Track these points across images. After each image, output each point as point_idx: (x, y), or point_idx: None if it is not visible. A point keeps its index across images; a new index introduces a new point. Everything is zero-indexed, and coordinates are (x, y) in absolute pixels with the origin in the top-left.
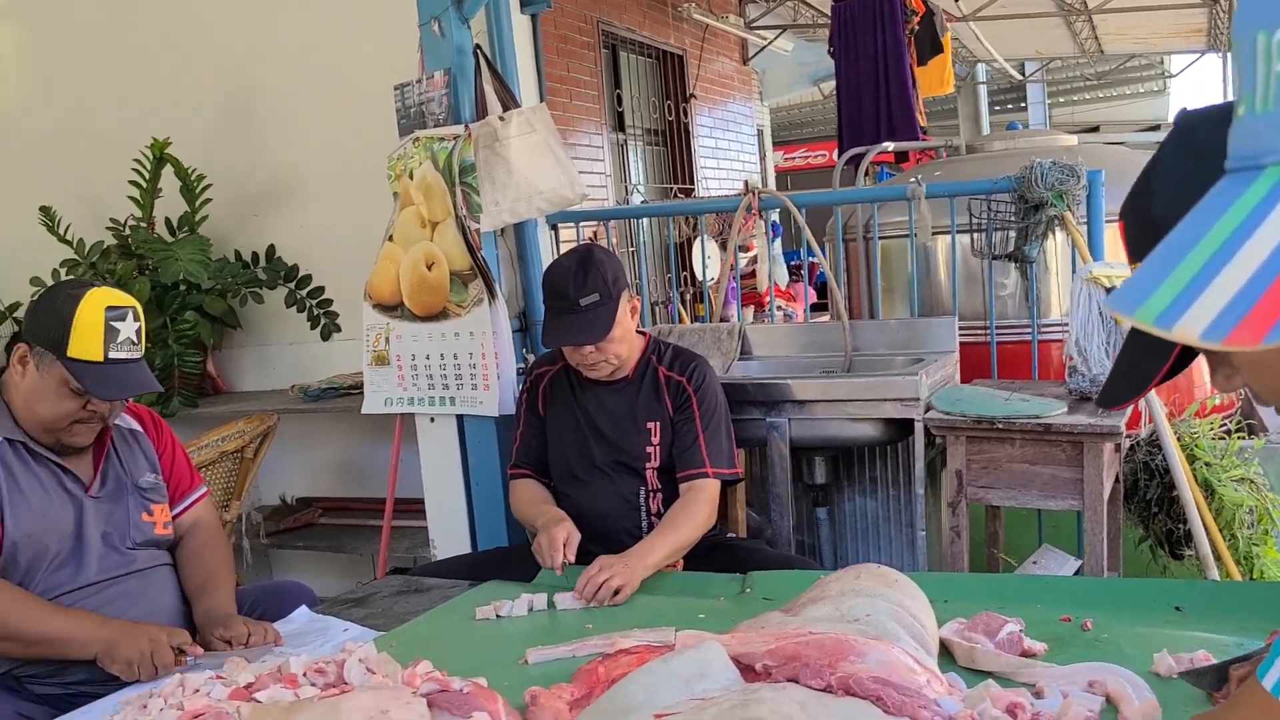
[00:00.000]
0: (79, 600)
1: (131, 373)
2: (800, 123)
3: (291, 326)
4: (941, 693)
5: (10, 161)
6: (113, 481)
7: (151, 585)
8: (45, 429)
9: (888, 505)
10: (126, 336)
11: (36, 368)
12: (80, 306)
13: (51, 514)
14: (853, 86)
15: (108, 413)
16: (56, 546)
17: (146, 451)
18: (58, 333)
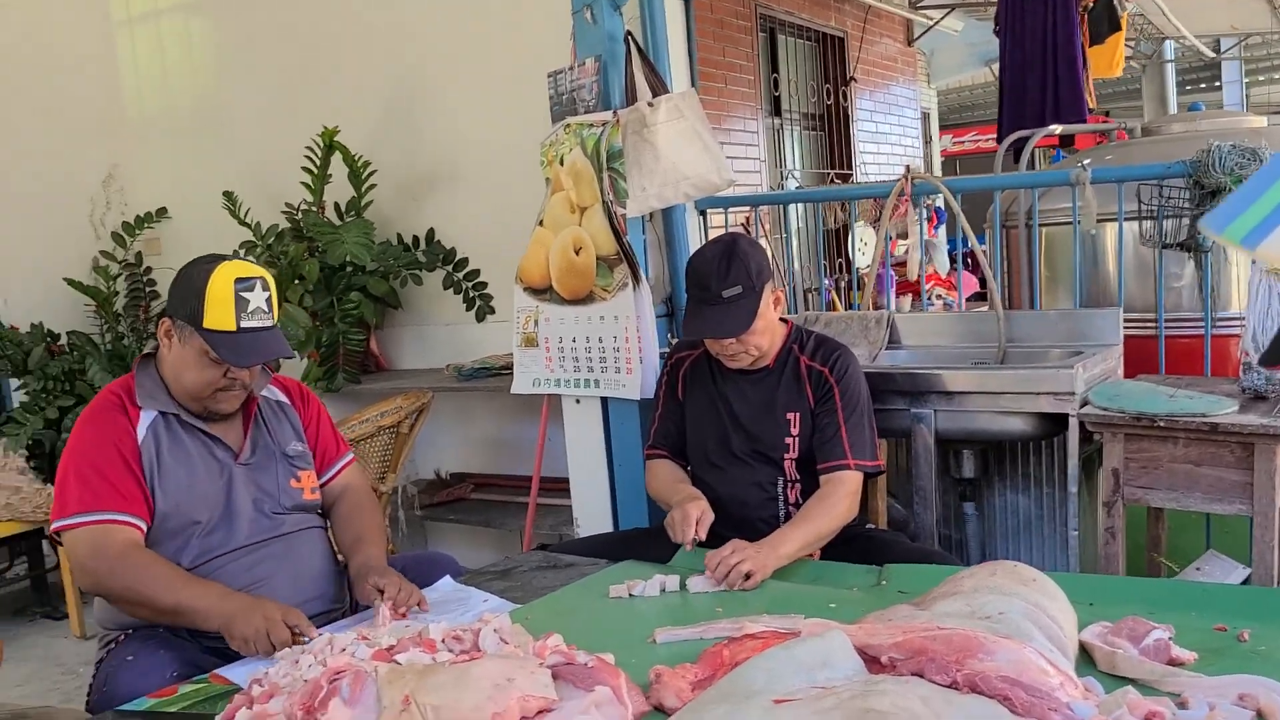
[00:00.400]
0: (230, 562)
1: (263, 340)
2: (970, 105)
3: (449, 308)
4: (1075, 696)
5: (200, 149)
6: (261, 449)
7: (299, 548)
8: (193, 398)
9: (1040, 503)
10: (257, 306)
11: (179, 340)
12: (211, 280)
13: (200, 484)
14: (1017, 66)
15: (249, 380)
16: (207, 514)
17: (293, 422)
18: (194, 305)
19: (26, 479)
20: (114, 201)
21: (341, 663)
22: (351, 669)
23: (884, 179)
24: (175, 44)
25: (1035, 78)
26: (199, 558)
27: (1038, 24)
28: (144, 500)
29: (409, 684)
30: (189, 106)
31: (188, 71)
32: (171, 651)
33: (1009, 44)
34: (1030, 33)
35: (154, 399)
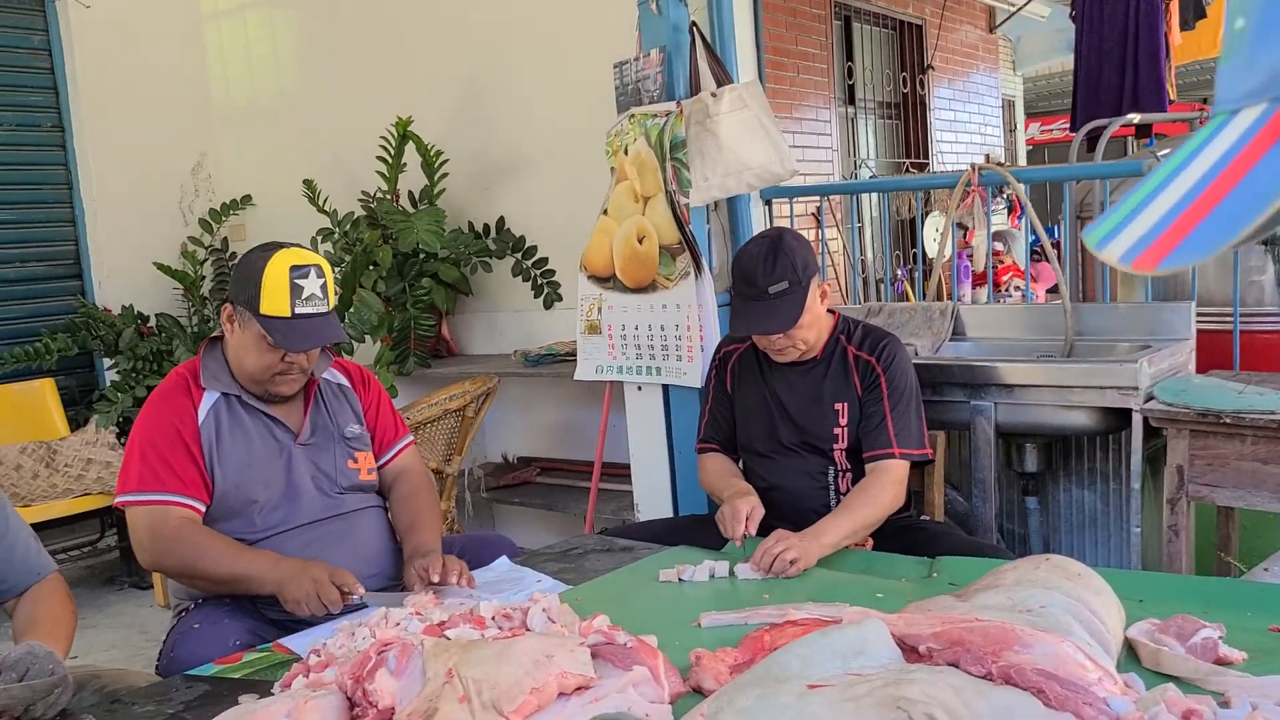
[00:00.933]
0: (291, 540)
1: (317, 326)
2: (1059, 92)
3: (517, 294)
4: (1114, 692)
5: (282, 139)
6: (320, 431)
7: (358, 527)
8: (253, 381)
9: (1105, 498)
10: (311, 292)
11: (239, 325)
12: (268, 267)
13: (259, 463)
14: (1094, 54)
15: (307, 364)
16: (266, 493)
17: (353, 404)
18: (251, 292)
19: (116, 454)
20: (202, 189)
21: (390, 635)
22: (399, 642)
23: (960, 169)
24: (260, 36)
25: (1113, 66)
26: (261, 534)
27: (1118, 12)
28: (202, 482)
29: (453, 657)
30: (272, 97)
31: (271, 63)
32: (236, 621)
33: (1086, 31)
34: (1110, 20)
35: (218, 380)
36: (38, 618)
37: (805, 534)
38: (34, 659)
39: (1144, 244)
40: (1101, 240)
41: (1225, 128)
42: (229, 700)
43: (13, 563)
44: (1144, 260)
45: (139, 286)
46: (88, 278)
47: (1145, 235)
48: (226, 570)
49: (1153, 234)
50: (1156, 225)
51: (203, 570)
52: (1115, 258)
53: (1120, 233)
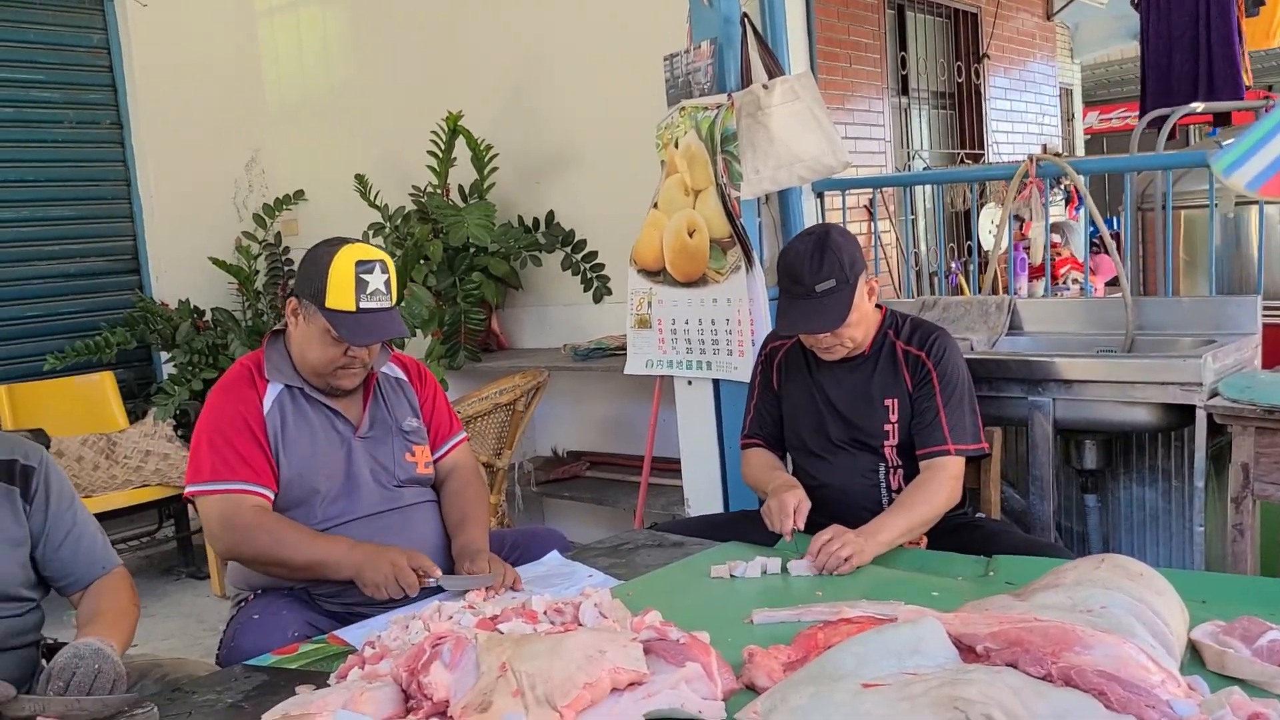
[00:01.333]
0: (351, 530)
1: (381, 320)
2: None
3: (567, 288)
4: (1177, 694)
5: (334, 134)
6: (379, 424)
7: (415, 520)
8: (315, 374)
9: (1168, 496)
10: (376, 288)
11: (304, 319)
12: (334, 261)
13: (321, 454)
14: (1161, 40)
15: (369, 359)
16: (327, 484)
17: (410, 398)
18: (317, 285)
19: (174, 446)
20: (255, 184)
21: (444, 629)
22: (453, 635)
23: (1016, 159)
24: (312, 32)
25: (1184, 53)
26: (321, 525)
27: None
28: (270, 470)
29: (506, 651)
30: (324, 93)
31: (323, 59)
32: (293, 612)
33: (1153, 18)
34: (1178, 6)
35: (281, 372)
36: (101, 610)
37: (861, 531)
38: (79, 662)
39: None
40: (1229, 167)
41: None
42: (286, 691)
43: (79, 556)
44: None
45: (195, 281)
46: (145, 273)
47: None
48: (305, 557)
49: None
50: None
51: (282, 557)
52: (1242, 184)
53: (1247, 160)
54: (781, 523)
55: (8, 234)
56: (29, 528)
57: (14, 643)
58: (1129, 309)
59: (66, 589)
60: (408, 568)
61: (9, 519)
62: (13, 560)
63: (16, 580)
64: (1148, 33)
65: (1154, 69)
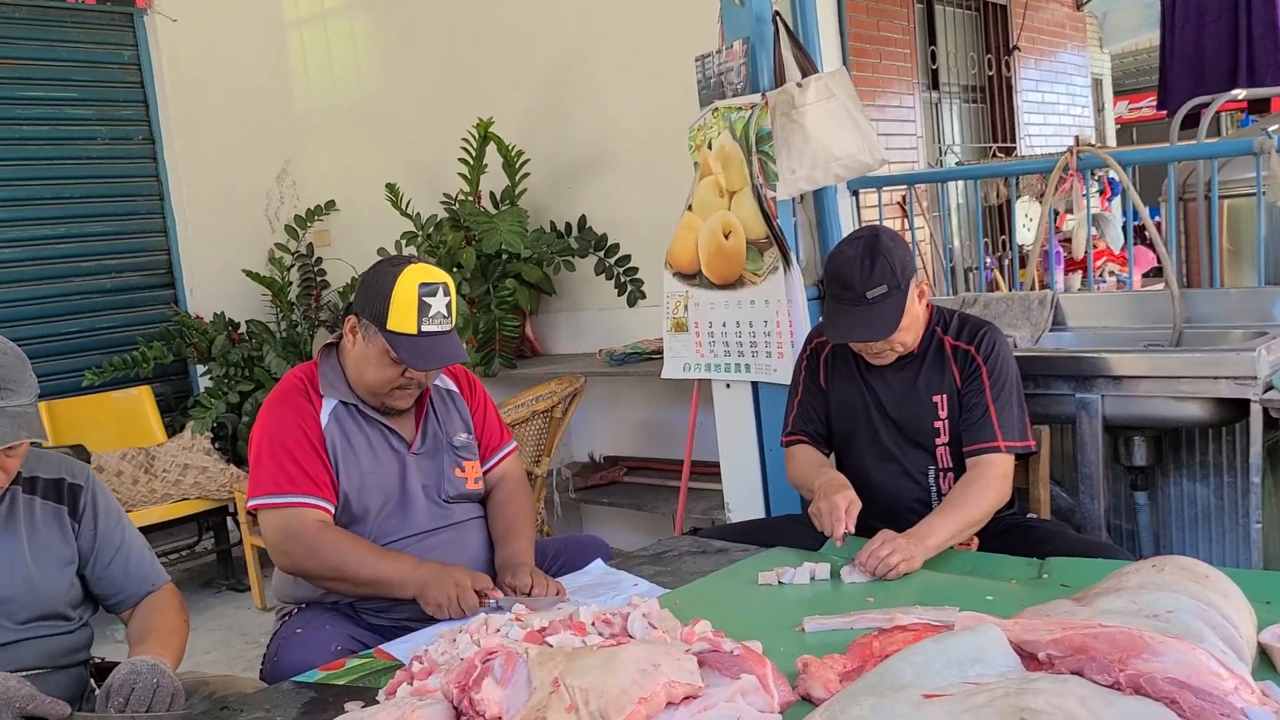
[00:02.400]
0: (405, 546)
1: (441, 345)
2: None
3: (601, 293)
4: (1252, 702)
5: (364, 144)
6: (431, 440)
7: (466, 536)
8: (371, 393)
9: (1220, 493)
10: (438, 311)
11: (363, 338)
12: (398, 283)
13: (377, 471)
14: (1189, 27)
15: (425, 380)
16: (382, 499)
17: (461, 411)
18: (379, 306)
19: (213, 459)
20: (287, 196)
21: (494, 644)
22: (504, 650)
23: (1050, 151)
24: (341, 43)
25: (1219, 39)
26: (377, 539)
27: None
28: (331, 484)
29: (558, 666)
30: (354, 103)
31: (353, 69)
32: (337, 626)
33: (1180, 4)
34: None
35: (335, 389)
36: (152, 628)
37: (910, 535)
38: (137, 677)
39: None
40: None
41: None
42: (335, 708)
43: (129, 573)
44: None
45: (229, 293)
46: (180, 286)
47: None
48: (370, 573)
49: None
50: None
51: (347, 573)
52: None
53: None
54: (834, 526)
55: (45, 251)
56: (78, 546)
57: (64, 661)
58: (1176, 301)
59: (117, 606)
60: (470, 588)
61: (58, 538)
62: (62, 579)
63: (65, 598)
64: (1173, 20)
65: (1182, 57)
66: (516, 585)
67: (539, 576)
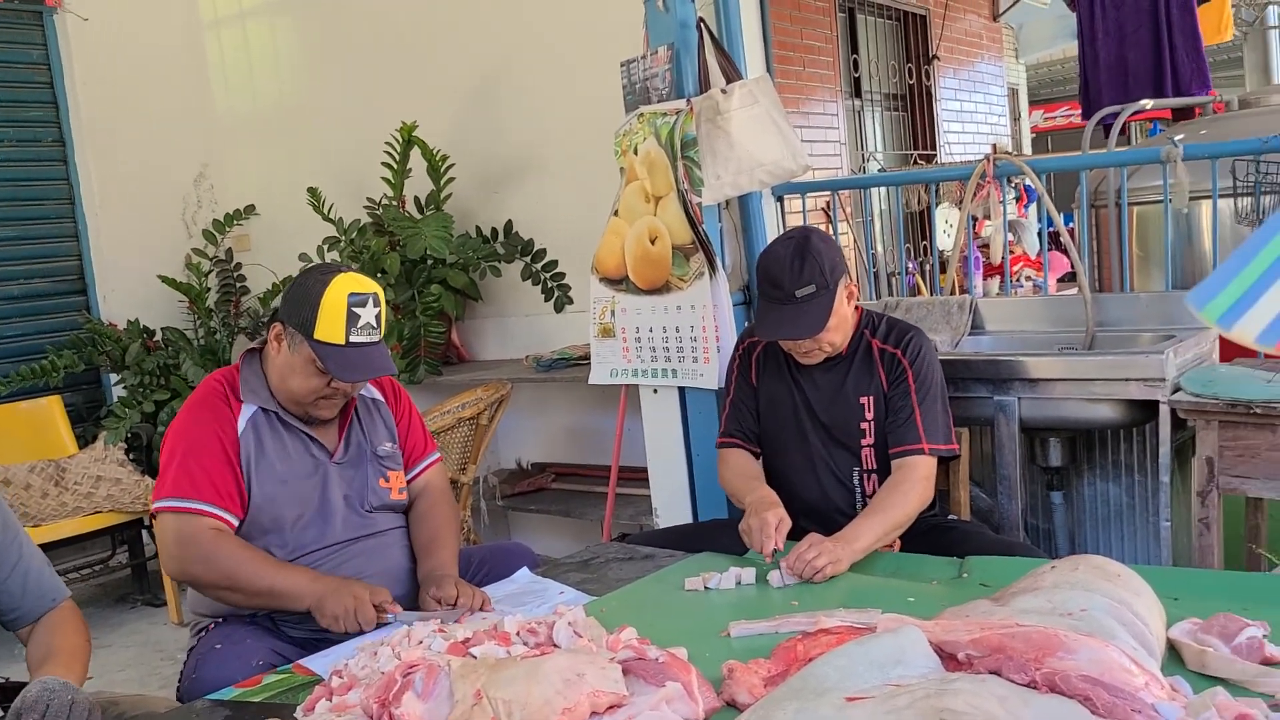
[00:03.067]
0: (324, 557)
1: (369, 356)
2: (1062, 79)
3: (528, 299)
4: (1161, 697)
5: (285, 147)
6: (355, 449)
7: (387, 546)
8: (295, 402)
9: (1132, 492)
10: (366, 321)
11: (289, 346)
12: (327, 292)
13: (294, 480)
14: (1111, 38)
15: (350, 390)
16: (299, 509)
17: (386, 420)
18: (307, 315)
19: (126, 470)
20: (205, 200)
21: (415, 656)
22: (425, 663)
23: (969, 159)
24: (261, 45)
25: (1142, 49)
26: (292, 553)
27: None
28: (238, 495)
29: (481, 678)
30: (275, 105)
31: (273, 71)
32: (257, 641)
33: (1099, 15)
34: (1131, 3)
35: (256, 394)
36: (54, 648)
37: (837, 538)
38: (51, 694)
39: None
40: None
41: None
42: None
43: (26, 590)
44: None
45: (144, 300)
46: (92, 293)
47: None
48: (265, 584)
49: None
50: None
51: (240, 582)
52: (1251, 338)
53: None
54: (764, 543)
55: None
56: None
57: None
58: (1089, 306)
59: (15, 624)
60: (368, 602)
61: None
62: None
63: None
64: (1093, 30)
65: (1105, 68)
66: (441, 597)
67: (464, 587)
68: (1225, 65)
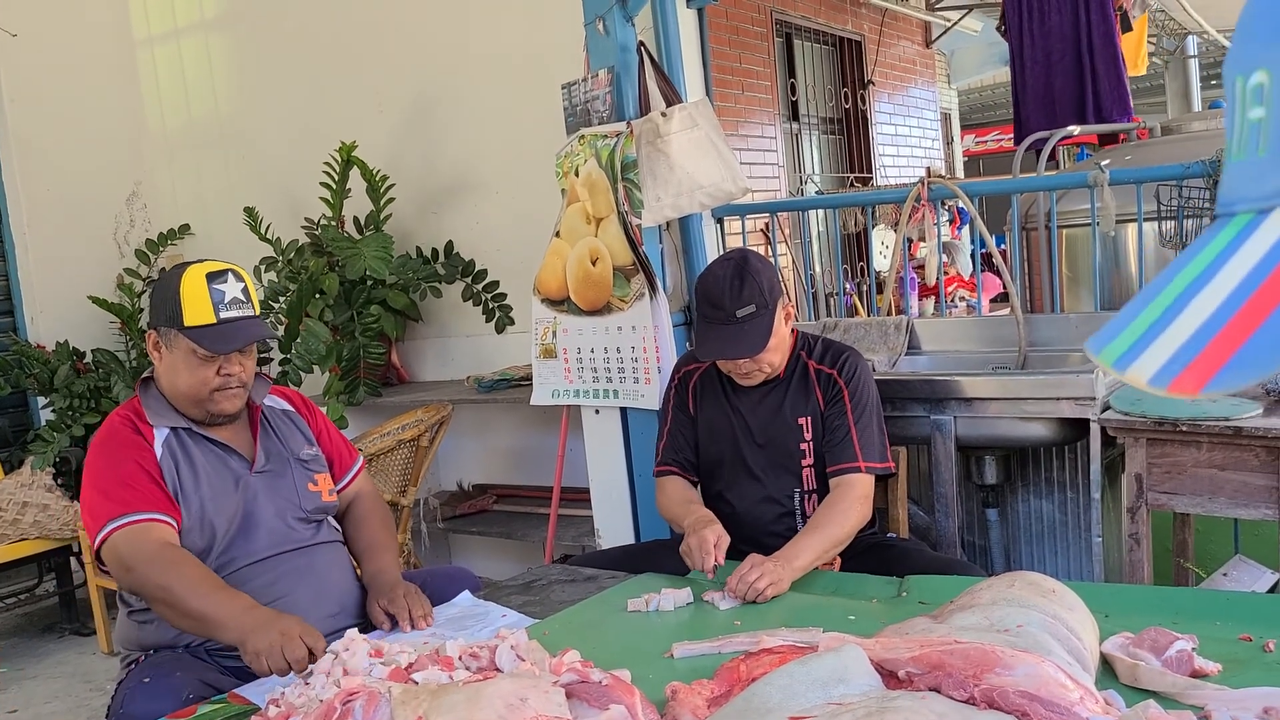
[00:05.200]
0: (252, 578)
1: (244, 327)
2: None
3: (469, 319)
4: (1096, 711)
5: (221, 166)
6: (275, 457)
7: (320, 561)
8: (193, 403)
9: (1064, 508)
10: (233, 296)
11: (167, 348)
12: (184, 279)
13: (217, 496)
14: (1038, 65)
15: (245, 376)
16: (225, 526)
17: (302, 428)
18: (172, 308)
19: (54, 496)
20: (138, 219)
21: (355, 684)
22: (365, 690)
23: (904, 181)
24: (195, 62)
25: (1067, 77)
26: (221, 569)
27: (1066, 22)
28: (170, 504)
29: (422, 704)
30: (210, 123)
31: (208, 89)
32: (188, 673)
33: (1026, 42)
34: (1057, 31)
35: (162, 416)
36: None
37: (777, 557)
38: None
39: (1178, 364)
40: (1121, 359)
41: (1256, 231)
42: None
43: None
44: (1184, 383)
45: (73, 321)
46: (19, 314)
47: (1178, 354)
48: (197, 604)
49: (1187, 353)
50: (1190, 343)
51: (176, 597)
52: (1144, 380)
53: (1143, 352)
54: (704, 560)
55: None
56: None
57: None
58: (1021, 326)
59: None
60: (298, 640)
61: None
62: None
63: None
64: (1022, 57)
65: (1034, 94)
66: (393, 611)
67: (412, 595)
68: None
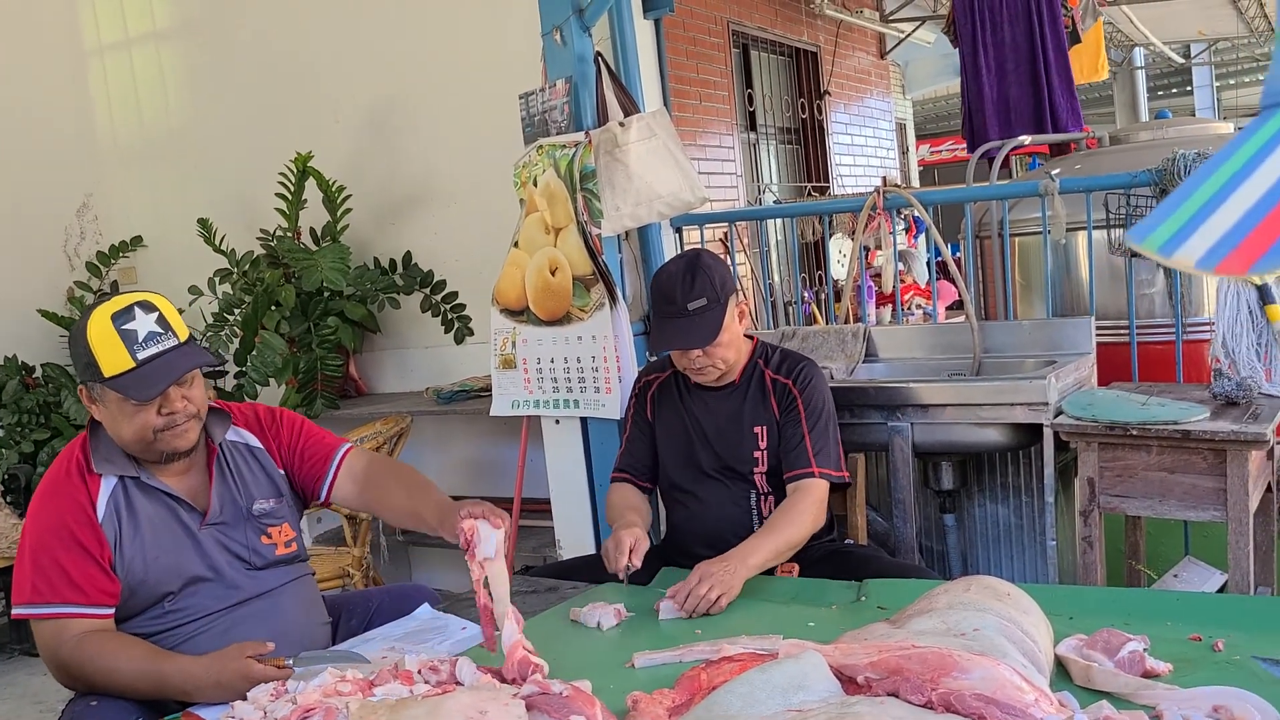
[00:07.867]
0: (211, 624)
1: (168, 361)
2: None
3: (428, 330)
4: (1050, 712)
5: (174, 177)
6: (230, 507)
7: (282, 604)
8: (144, 449)
9: (1019, 513)
10: (147, 331)
11: (99, 403)
12: (89, 329)
13: (168, 553)
14: (991, 75)
15: (191, 407)
16: (178, 582)
17: (267, 467)
18: (89, 362)
19: (3, 514)
20: (88, 231)
21: (313, 700)
22: (322, 706)
23: (860, 191)
24: (148, 72)
25: (1022, 87)
26: (174, 623)
27: (1020, 33)
28: (105, 585)
29: (381, 719)
30: (163, 134)
31: (161, 99)
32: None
33: (980, 53)
34: (1012, 42)
35: (111, 463)
36: None
37: (730, 556)
38: None
39: (1225, 247)
40: (1166, 245)
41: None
42: None
43: None
44: (1231, 263)
45: (22, 335)
46: None
47: (1225, 238)
48: (151, 684)
49: (1234, 237)
50: (1235, 228)
51: (123, 686)
52: (1193, 262)
53: (1189, 237)
54: (616, 560)
55: None
56: None
57: None
58: (975, 333)
59: None
60: (259, 667)
61: None
62: None
63: None
64: (976, 67)
65: (989, 103)
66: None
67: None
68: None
